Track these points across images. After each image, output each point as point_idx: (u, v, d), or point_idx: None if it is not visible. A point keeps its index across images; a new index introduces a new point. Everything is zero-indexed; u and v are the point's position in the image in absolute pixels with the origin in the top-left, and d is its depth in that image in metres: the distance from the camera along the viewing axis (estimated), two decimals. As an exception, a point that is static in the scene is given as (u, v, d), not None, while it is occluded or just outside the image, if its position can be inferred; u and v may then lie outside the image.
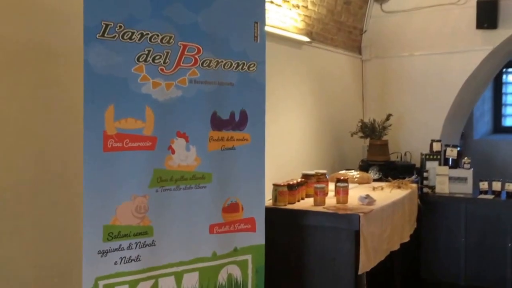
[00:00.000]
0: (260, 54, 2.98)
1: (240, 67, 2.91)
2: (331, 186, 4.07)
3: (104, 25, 2.43)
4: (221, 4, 2.81)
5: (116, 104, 2.50)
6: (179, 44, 2.67)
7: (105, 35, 2.44)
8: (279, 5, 4.71)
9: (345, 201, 3.77)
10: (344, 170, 5.22)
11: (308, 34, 5.16)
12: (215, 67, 2.81)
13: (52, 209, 2.79)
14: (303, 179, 3.95)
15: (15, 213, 2.67)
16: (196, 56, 2.74)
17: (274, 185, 3.65)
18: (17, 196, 2.68)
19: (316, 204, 3.66)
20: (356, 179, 4.81)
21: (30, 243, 2.73)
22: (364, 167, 5.43)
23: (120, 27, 2.48)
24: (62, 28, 2.80)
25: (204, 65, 2.77)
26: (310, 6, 5.15)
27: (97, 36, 2.42)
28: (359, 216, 3.35)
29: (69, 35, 2.79)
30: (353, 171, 5.06)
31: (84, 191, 2.43)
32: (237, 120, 2.92)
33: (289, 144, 4.87)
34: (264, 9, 3.02)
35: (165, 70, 2.64)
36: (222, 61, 2.84)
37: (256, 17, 2.95)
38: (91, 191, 2.45)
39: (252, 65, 2.95)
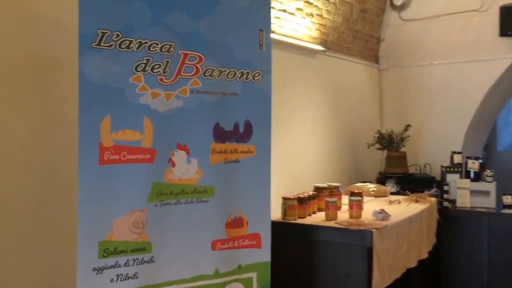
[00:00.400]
0: (266, 62, 2.87)
1: (244, 76, 2.80)
2: (346, 199, 3.92)
3: (100, 34, 2.35)
4: (224, 11, 2.71)
5: (112, 115, 2.40)
6: (179, 52, 2.57)
7: (102, 43, 2.35)
8: (292, 14, 4.60)
9: (359, 216, 3.62)
10: (360, 182, 5.07)
11: (323, 43, 5.04)
12: (218, 76, 2.71)
13: (48, 222, 2.70)
14: (314, 192, 3.81)
15: (13, 227, 2.60)
16: (198, 65, 2.63)
17: (284, 198, 3.52)
18: (14, 209, 2.61)
19: (327, 218, 3.52)
20: (372, 192, 4.66)
21: (22, 259, 2.64)
22: (382, 179, 5.27)
23: (118, 35, 2.39)
24: (65, 38, 2.73)
25: (206, 74, 2.66)
26: (325, 15, 5.03)
27: (92, 45, 2.34)
28: (372, 232, 3.20)
29: (71, 44, 2.70)
30: (369, 184, 4.90)
31: (78, 205, 2.33)
32: (242, 132, 2.80)
33: (303, 156, 4.74)
34: (270, 16, 2.91)
35: (165, 80, 2.54)
36: (226, 70, 2.74)
37: (261, 24, 2.84)
38: (86, 205, 2.35)
39: (257, 74, 2.84)
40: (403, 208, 4.15)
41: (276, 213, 3.48)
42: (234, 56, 2.75)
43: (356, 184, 4.87)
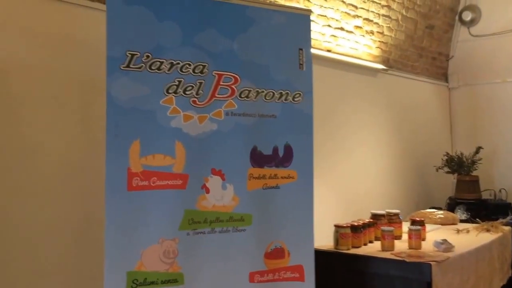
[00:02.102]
0: (307, 83, 2.70)
1: (283, 97, 2.64)
2: (407, 227, 3.64)
3: (129, 55, 2.27)
4: (259, 29, 2.57)
5: (142, 139, 2.31)
6: (213, 73, 2.45)
7: (130, 65, 2.28)
8: (350, 32, 4.42)
9: (418, 247, 3.33)
10: (429, 208, 4.74)
11: (385, 61, 4.81)
12: (255, 97, 2.57)
13: (78, 250, 2.65)
14: (371, 220, 3.56)
15: (47, 254, 2.56)
16: (233, 86, 2.51)
17: (336, 226, 3.30)
18: (51, 231, 2.57)
19: (383, 249, 3.26)
20: (439, 220, 4.32)
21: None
22: (452, 205, 4.92)
23: (147, 56, 2.31)
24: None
25: (242, 96, 2.53)
26: (386, 32, 4.81)
27: (121, 67, 2.26)
28: (431, 265, 2.91)
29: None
30: (437, 210, 4.56)
31: (105, 234, 2.24)
32: (281, 156, 2.63)
33: (364, 180, 4.53)
34: (310, 35, 2.74)
35: (197, 102, 2.43)
36: (263, 91, 2.59)
37: (301, 43, 2.68)
38: (114, 234, 2.25)
39: (298, 95, 2.67)
40: (471, 238, 3.79)
41: (329, 242, 3.28)
42: (272, 76, 2.60)
43: (422, 211, 4.55)
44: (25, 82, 2.57)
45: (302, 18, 2.73)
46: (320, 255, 2.96)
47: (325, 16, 4.14)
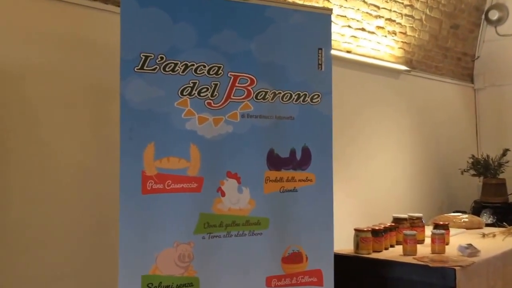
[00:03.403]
0: (325, 84, 2.64)
1: (301, 99, 2.59)
2: (430, 231, 3.56)
3: (143, 57, 2.25)
4: (278, 29, 2.52)
5: (156, 141, 2.28)
6: (229, 74, 2.42)
7: (144, 67, 2.26)
8: (372, 32, 4.35)
9: (442, 251, 3.24)
10: (453, 212, 4.63)
11: (408, 62, 4.72)
12: (272, 99, 2.52)
13: (91, 254, 2.64)
14: (392, 224, 3.49)
15: (62, 257, 2.55)
16: (249, 88, 2.47)
17: (356, 230, 3.23)
18: (67, 236, 2.56)
19: (405, 253, 3.18)
20: (463, 224, 4.21)
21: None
22: (477, 209, 4.80)
23: (162, 58, 2.29)
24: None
25: (259, 97, 2.49)
26: (409, 32, 4.72)
27: (135, 70, 2.24)
28: (455, 270, 2.83)
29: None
30: (461, 214, 4.45)
31: (120, 237, 2.22)
32: (299, 159, 2.58)
33: (386, 183, 4.45)
34: (330, 34, 2.69)
35: (213, 104, 2.39)
36: (280, 93, 2.54)
37: (320, 43, 2.62)
38: (128, 237, 2.23)
39: (316, 96, 2.62)
40: (497, 242, 3.69)
41: (349, 246, 3.22)
42: (290, 77, 2.56)
43: (446, 215, 4.44)
44: (39, 86, 2.57)
45: (322, 18, 2.67)
46: (339, 259, 2.90)
47: (345, 16, 4.07)
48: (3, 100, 2.46)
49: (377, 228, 3.30)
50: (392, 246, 3.39)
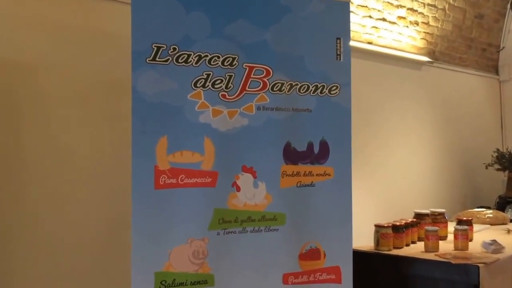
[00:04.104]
0: (344, 74, 2.55)
1: (319, 90, 2.50)
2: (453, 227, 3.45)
3: (155, 48, 2.19)
4: (295, 18, 2.44)
5: (169, 135, 2.22)
6: (244, 66, 2.34)
7: (157, 59, 2.19)
8: (393, 23, 4.23)
9: (465, 247, 3.15)
10: (477, 208, 4.51)
11: (430, 53, 4.60)
12: (288, 91, 2.44)
13: (104, 250, 2.60)
14: (414, 220, 3.39)
15: (74, 254, 2.52)
16: (265, 79, 2.39)
17: (376, 226, 3.15)
18: (79, 233, 2.53)
19: (427, 250, 3.09)
20: (487, 220, 4.10)
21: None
22: (502, 204, 4.67)
23: (174, 49, 2.22)
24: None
25: (275, 89, 2.41)
26: (432, 22, 4.59)
27: (147, 61, 2.18)
28: (479, 267, 2.73)
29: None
30: (486, 209, 4.33)
31: (132, 234, 2.16)
32: (317, 152, 2.50)
33: (407, 178, 4.33)
34: (349, 23, 2.59)
35: (227, 96, 2.32)
36: (297, 84, 2.46)
37: (339, 32, 2.53)
38: (141, 234, 2.17)
39: (334, 87, 2.53)
40: (523, 238, 3.57)
41: (369, 243, 3.13)
42: (307, 68, 2.47)
43: (469, 210, 4.34)
44: (53, 79, 2.53)
45: (340, 6, 2.58)
46: (358, 256, 2.83)
47: (366, 6, 3.97)
48: (18, 94, 2.43)
49: (398, 223, 3.22)
50: (413, 242, 3.32)
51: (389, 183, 4.09)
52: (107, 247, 2.63)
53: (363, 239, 3.05)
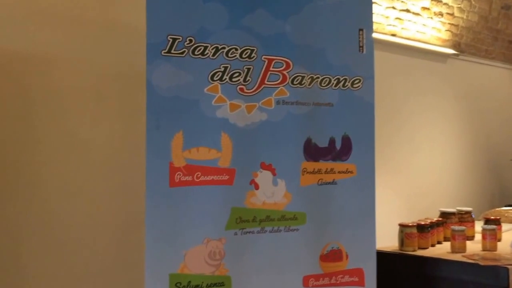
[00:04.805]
0: (367, 67, 2.44)
1: (341, 83, 2.40)
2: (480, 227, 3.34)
3: (170, 40, 2.10)
4: (315, 9, 2.34)
5: (185, 130, 2.13)
6: (263, 58, 2.24)
7: (172, 51, 2.10)
8: (417, 14, 4.11)
9: (493, 248, 3.03)
10: (506, 206, 4.39)
11: (455, 45, 4.46)
12: (309, 84, 2.34)
13: (118, 250, 2.53)
14: (440, 219, 3.28)
15: (88, 254, 2.46)
16: (285, 72, 2.29)
17: (401, 225, 3.04)
18: (93, 226, 2.47)
19: (453, 250, 2.98)
20: (516, 218, 3.96)
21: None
22: (531, 202, 4.52)
23: (190, 41, 2.13)
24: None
25: (295, 82, 2.31)
26: (457, 13, 4.45)
27: (162, 53, 2.09)
28: (508, 270, 2.62)
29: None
30: (515, 207, 4.21)
31: (146, 233, 2.08)
32: (339, 148, 2.40)
33: (432, 176, 4.22)
34: (371, 13, 2.49)
35: (245, 90, 2.23)
36: (318, 77, 2.36)
37: (361, 23, 2.43)
38: (155, 233, 2.08)
39: (357, 81, 2.42)
40: (554, 238, 3.44)
41: (393, 243, 3.03)
42: (328, 60, 2.37)
43: (497, 209, 4.21)
44: (66, 72, 2.48)
45: (363, -5, 2.48)
46: (382, 257, 2.73)
47: (390, -3, 3.85)
48: (32, 87, 2.38)
49: (423, 223, 3.11)
50: (439, 242, 3.22)
51: (413, 180, 3.98)
52: (120, 246, 2.57)
53: (386, 239, 2.95)
